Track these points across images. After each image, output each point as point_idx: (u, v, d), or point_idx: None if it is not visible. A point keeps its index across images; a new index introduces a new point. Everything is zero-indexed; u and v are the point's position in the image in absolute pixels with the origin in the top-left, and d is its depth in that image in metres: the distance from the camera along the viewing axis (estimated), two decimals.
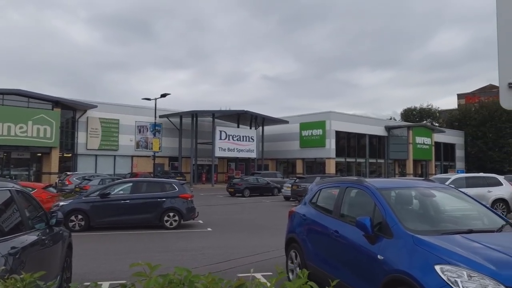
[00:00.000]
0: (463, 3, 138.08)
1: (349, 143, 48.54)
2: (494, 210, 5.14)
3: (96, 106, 37.97)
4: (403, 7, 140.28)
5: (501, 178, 16.79)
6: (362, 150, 49.47)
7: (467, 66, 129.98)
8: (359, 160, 49.23)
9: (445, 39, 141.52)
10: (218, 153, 42.17)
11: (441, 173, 49.40)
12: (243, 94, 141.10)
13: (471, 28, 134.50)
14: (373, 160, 50.49)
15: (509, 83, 2.37)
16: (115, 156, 40.70)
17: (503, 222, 4.65)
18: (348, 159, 48.06)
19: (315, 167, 47.04)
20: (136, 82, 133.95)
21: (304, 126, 47.37)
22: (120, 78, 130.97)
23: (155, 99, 34.42)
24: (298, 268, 6.09)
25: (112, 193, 12.93)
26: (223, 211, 18.67)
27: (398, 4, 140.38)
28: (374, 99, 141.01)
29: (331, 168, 44.45)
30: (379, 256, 4.23)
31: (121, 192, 13.18)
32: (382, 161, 51.35)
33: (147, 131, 42.56)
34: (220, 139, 42.20)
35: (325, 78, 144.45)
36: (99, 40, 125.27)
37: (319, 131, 45.81)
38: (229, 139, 42.90)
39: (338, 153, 45.92)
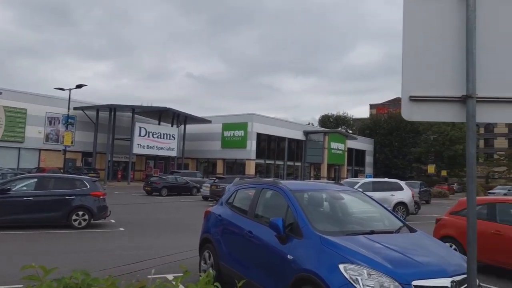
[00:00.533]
0: (381, 21, 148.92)
1: (269, 145, 49.66)
2: (394, 213, 5.58)
3: (0, 93, 34.47)
4: (327, 19, 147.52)
5: (402, 183, 18.34)
6: (281, 153, 50.90)
7: (381, 79, 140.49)
8: (278, 162, 50.58)
9: (363, 53, 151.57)
10: (136, 150, 40.64)
11: (352, 177, 52.63)
12: (167, 91, 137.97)
13: (386, 45, 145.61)
14: (291, 163, 52.21)
15: (410, 96, 2.57)
16: (20, 148, 37.25)
17: (401, 224, 5.06)
18: (268, 161, 49.16)
19: (236, 167, 47.41)
20: (49, 71, 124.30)
21: (226, 126, 47.53)
22: (31, 65, 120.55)
23: (69, 89, 32.19)
24: (211, 269, 6.06)
25: (14, 189, 11.79)
26: (138, 210, 18.01)
27: (322, 16, 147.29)
28: (295, 104, 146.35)
29: (251, 169, 45.11)
30: (289, 256, 4.35)
31: (24, 188, 12.07)
32: (299, 164, 53.29)
33: (59, 123, 39.61)
34: (139, 135, 40.71)
35: (250, 81, 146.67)
36: (8, 22, 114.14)
37: (241, 132, 46.26)
38: (149, 136, 41.55)
39: (258, 155, 46.77)
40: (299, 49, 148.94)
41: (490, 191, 42.05)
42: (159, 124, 45.19)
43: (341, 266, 3.78)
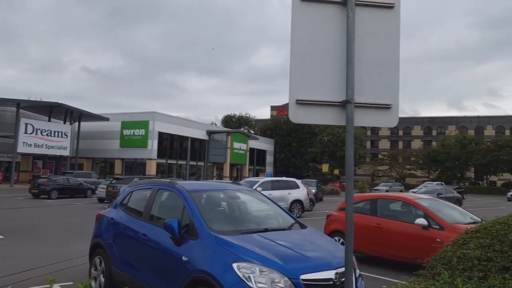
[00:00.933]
0: (281, 26, 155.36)
1: (171, 145, 48.68)
2: (287, 210, 5.83)
3: None
4: (231, 20, 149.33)
5: (299, 182, 19.33)
6: (184, 153, 50.23)
7: (281, 81, 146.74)
8: (180, 162, 49.83)
9: (265, 55, 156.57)
10: (21, 149, 36.80)
11: (253, 176, 54.04)
12: (59, 85, 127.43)
13: (286, 48, 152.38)
14: (194, 163, 51.83)
15: (297, 100, 2.69)
16: None
17: (293, 221, 5.31)
18: (170, 161, 48.15)
19: (136, 167, 45.60)
20: None
21: (126, 125, 45.41)
22: None
23: None
24: (102, 276, 5.72)
25: None
26: (22, 216, 16.30)
27: (226, 16, 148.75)
28: (199, 104, 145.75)
29: (152, 169, 43.75)
30: (183, 258, 4.30)
31: None
32: (202, 163, 53.14)
33: None
34: (26, 132, 36.94)
35: (152, 78, 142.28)
36: None
37: (141, 131, 44.58)
38: (37, 134, 37.92)
39: (160, 155, 45.56)
40: (204, 49, 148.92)
41: (375, 187, 46.43)
42: (49, 120, 41.51)
43: (234, 265, 3.84)
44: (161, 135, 45.45)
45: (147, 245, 5.00)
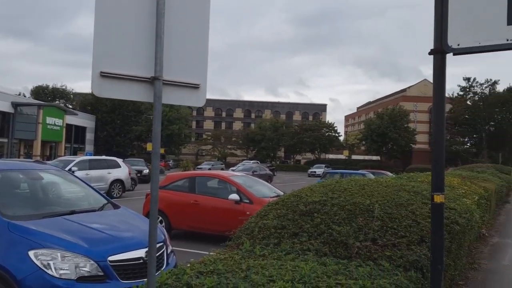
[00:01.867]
0: None
1: None
2: (99, 191, 5.50)
3: None
4: None
5: (120, 161, 18.53)
6: None
7: None
8: None
9: (87, 24, 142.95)
10: None
11: (70, 155, 49.41)
12: None
13: None
14: None
15: (101, 72, 2.52)
16: None
17: (105, 201, 5.06)
18: None
19: None
20: None
21: None
22: None
23: None
24: None
25: None
26: None
27: None
28: (3, 70, 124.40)
29: None
30: None
31: None
32: (5, 140, 45.88)
33: None
34: None
35: None
36: None
37: None
38: None
39: None
40: (9, 6, 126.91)
41: (198, 166, 48.09)
42: None
43: (31, 253, 3.46)
44: None
45: None
